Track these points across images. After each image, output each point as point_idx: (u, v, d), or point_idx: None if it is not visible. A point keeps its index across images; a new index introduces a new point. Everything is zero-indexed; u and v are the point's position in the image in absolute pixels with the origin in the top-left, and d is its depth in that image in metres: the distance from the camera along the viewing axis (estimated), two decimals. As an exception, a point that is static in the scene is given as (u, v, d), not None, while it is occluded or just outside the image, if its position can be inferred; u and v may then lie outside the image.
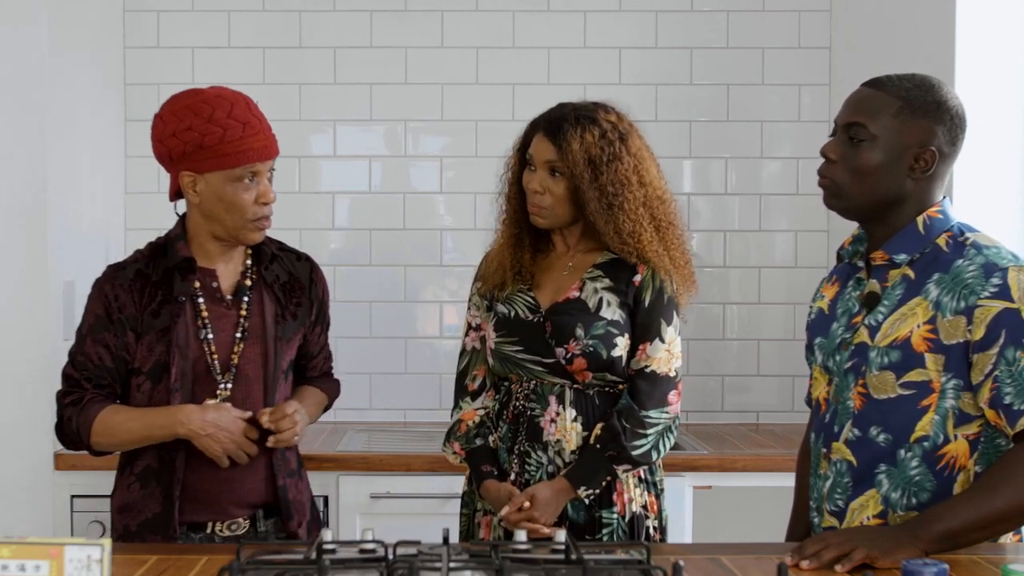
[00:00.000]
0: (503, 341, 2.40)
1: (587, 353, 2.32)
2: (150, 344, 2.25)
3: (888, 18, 3.40)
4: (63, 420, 2.27)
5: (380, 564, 1.64)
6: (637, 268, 2.35)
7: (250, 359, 2.29)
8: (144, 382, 2.26)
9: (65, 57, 3.19)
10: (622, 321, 2.34)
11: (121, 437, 2.25)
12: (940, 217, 1.96)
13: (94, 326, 2.27)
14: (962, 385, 1.88)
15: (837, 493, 1.98)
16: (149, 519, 2.25)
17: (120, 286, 2.26)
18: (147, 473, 2.27)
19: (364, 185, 3.75)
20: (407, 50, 3.72)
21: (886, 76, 1.98)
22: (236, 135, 2.18)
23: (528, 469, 2.35)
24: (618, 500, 2.35)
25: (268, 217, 2.27)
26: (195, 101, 2.22)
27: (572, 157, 2.29)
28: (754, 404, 3.78)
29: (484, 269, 2.49)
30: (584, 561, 1.57)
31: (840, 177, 1.95)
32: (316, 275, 2.44)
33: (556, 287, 2.40)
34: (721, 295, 3.78)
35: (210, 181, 2.21)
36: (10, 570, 1.46)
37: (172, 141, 2.21)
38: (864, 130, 1.93)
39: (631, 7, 3.73)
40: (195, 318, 2.27)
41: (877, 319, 1.94)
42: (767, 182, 3.76)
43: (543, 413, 2.35)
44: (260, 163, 2.22)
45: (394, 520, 2.99)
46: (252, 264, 2.34)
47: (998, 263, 1.88)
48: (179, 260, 2.26)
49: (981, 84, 3.00)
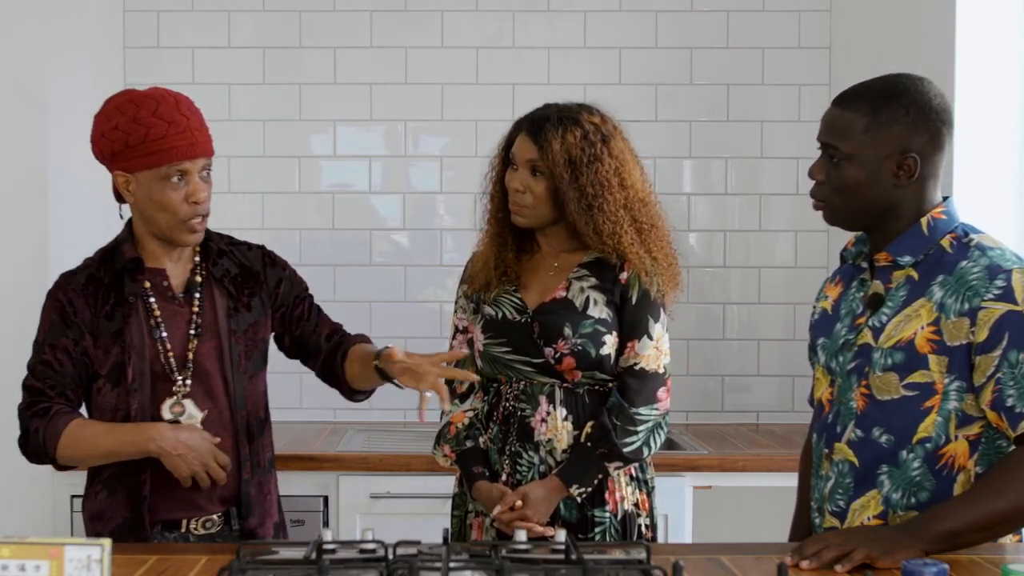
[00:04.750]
0: (491, 343, 2.40)
1: (576, 352, 2.32)
2: (106, 347, 2.24)
3: (888, 18, 3.40)
4: (28, 432, 2.23)
5: (380, 564, 1.64)
6: (623, 266, 2.35)
7: (207, 355, 2.29)
8: (104, 385, 2.25)
9: (65, 57, 3.19)
10: (609, 319, 2.35)
11: (89, 451, 2.22)
12: (944, 218, 1.96)
13: (51, 332, 2.26)
14: (965, 387, 1.88)
15: (838, 494, 1.98)
16: (120, 524, 2.24)
17: (73, 291, 2.26)
18: (113, 479, 2.26)
19: (364, 185, 3.75)
20: (407, 50, 3.72)
21: (855, 90, 1.96)
22: (160, 133, 2.17)
23: (520, 469, 2.35)
24: (610, 499, 2.35)
25: (202, 217, 2.24)
26: (123, 100, 2.23)
27: (552, 157, 2.30)
28: (754, 404, 3.78)
29: (471, 270, 2.49)
30: (584, 561, 1.57)
31: (828, 196, 1.97)
32: (269, 259, 2.41)
33: (542, 287, 2.40)
34: (721, 295, 3.78)
35: (140, 181, 2.21)
36: (10, 570, 1.46)
37: (102, 141, 2.22)
38: (838, 151, 1.93)
39: (631, 7, 3.73)
40: (148, 317, 2.26)
41: (881, 320, 1.94)
42: (767, 182, 3.76)
43: (533, 413, 2.35)
44: (187, 161, 2.19)
45: (394, 520, 2.99)
46: (200, 261, 2.34)
47: (1002, 265, 1.87)
48: (126, 261, 2.26)
49: (981, 84, 3.00)
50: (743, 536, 2.43)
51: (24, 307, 3.03)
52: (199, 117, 2.25)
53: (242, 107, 3.71)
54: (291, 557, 1.70)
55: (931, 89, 1.94)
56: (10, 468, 3.02)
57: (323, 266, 3.70)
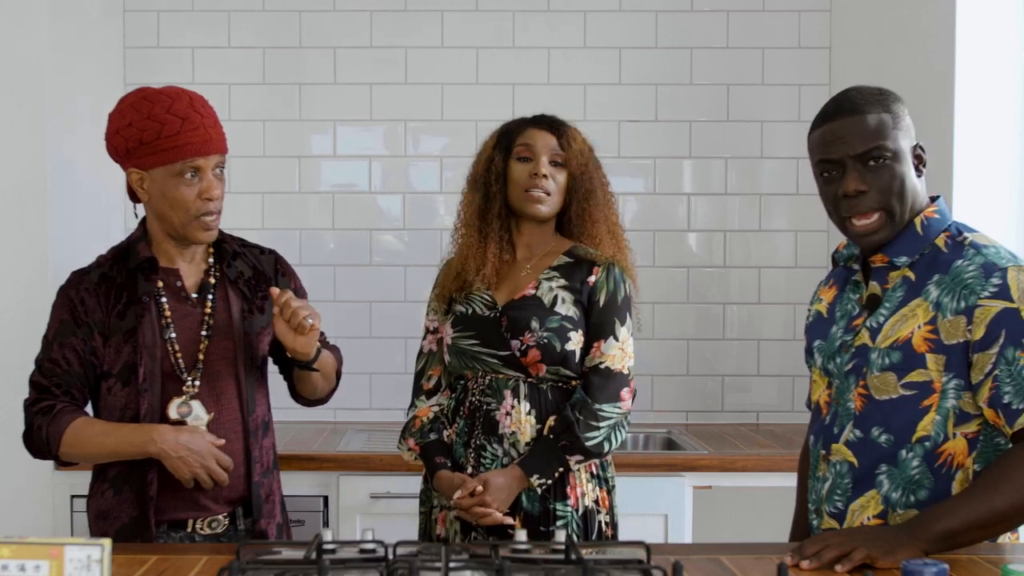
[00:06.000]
0: (460, 336, 2.45)
1: (541, 345, 2.38)
2: (117, 346, 2.25)
3: (888, 18, 3.41)
4: (32, 428, 2.25)
5: (380, 564, 1.64)
6: (592, 270, 2.44)
7: (219, 355, 2.29)
8: (114, 384, 2.25)
9: (65, 57, 3.19)
10: (576, 317, 2.42)
11: (91, 450, 2.23)
12: (937, 217, 1.96)
13: (60, 331, 2.26)
14: (963, 385, 1.88)
15: (836, 495, 1.98)
16: (126, 524, 2.24)
17: (85, 290, 2.26)
18: (119, 479, 2.26)
19: (364, 185, 3.75)
20: (407, 50, 3.72)
21: (856, 97, 1.95)
22: (174, 130, 2.18)
23: (484, 461, 2.40)
24: (571, 493, 2.40)
25: (214, 214, 2.26)
26: (138, 98, 2.24)
27: (577, 148, 2.45)
28: (754, 404, 3.78)
29: (443, 277, 2.54)
30: (584, 561, 1.57)
31: (883, 202, 1.93)
32: (281, 266, 2.44)
33: (513, 287, 2.47)
34: (721, 295, 3.78)
35: (154, 178, 2.22)
36: (10, 570, 1.46)
37: (116, 138, 2.23)
38: (884, 149, 1.92)
39: (631, 7, 3.73)
40: (159, 317, 2.27)
41: (878, 321, 1.95)
42: (767, 182, 3.77)
43: (498, 407, 2.40)
44: (201, 158, 2.21)
45: (394, 520, 2.99)
46: (214, 262, 2.35)
47: (997, 263, 1.88)
48: (141, 261, 2.27)
49: (981, 84, 3.00)
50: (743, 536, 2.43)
51: (24, 306, 3.04)
52: (213, 115, 2.26)
53: (242, 107, 3.71)
54: (291, 557, 1.70)
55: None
56: (10, 468, 3.03)
57: (323, 266, 3.71)
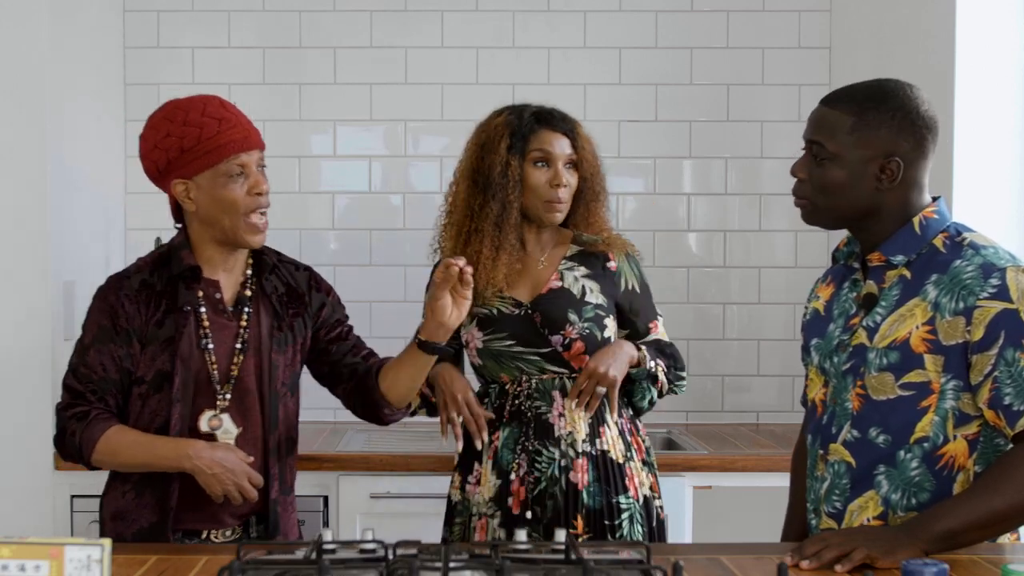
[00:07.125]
0: (492, 338, 2.42)
1: (584, 336, 2.39)
2: (153, 354, 2.23)
3: (888, 18, 3.40)
4: (65, 433, 2.23)
5: (380, 564, 1.64)
6: (608, 256, 2.47)
7: (248, 371, 2.28)
8: (147, 391, 2.24)
9: (65, 57, 3.19)
10: (606, 305, 2.44)
11: (124, 459, 2.22)
12: (936, 217, 1.95)
13: (99, 336, 2.24)
14: (962, 386, 1.88)
15: (835, 495, 1.98)
16: (145, 528, 2.23)
17: (126, 296, 2.24)
18: (142, 483, 2.25)
19: (364, 185, 3.75)
20: (407, 50, 3.72)
21: (843, 90, 1.98)
22: (213, 131, 2.19)
23: (538, 467, 2.37)
24: (630, 484, 2.41)
25: (264, 211, 2.25)
26: (170, 109, 2.24)
27: (587, 150, 2.45)
28: (754, 404, 3.78)
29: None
30: (584, 561, 1.57)
31: (810, 194, 1.97)
32: (315, 282, 2.41)
33: (533, 282, 2.44)
34: (721, 295, 3.78)
35: (201, 184, 2.21)
36: (10, 570, 1.46)
37: (155, 153, 2.22)
38: (824, 149, 1.93)
39: (631, 7, 3.73)
40: (197, 328, 2.25)
41: (875, 320, 1.94)
42: (767, 182, 3.76)
43: (550, 409, 2.38)
44: (244, 154, 2.21)
45: (394, 520, 2.99)
46: (252, 275, 2.33)
47: (996, 263, 1.87)
48: (184, 269, 2.25)
49: (981, 84, 3.00)
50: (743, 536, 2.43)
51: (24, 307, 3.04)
52: (243, 114, 2.28)
53: (242, 107, 3.61)
54: (291, 557, 1.70)
55: (919, 96, 1.94)
56: (10, 468, 3.03)
57: (323, 266, 3.66)
